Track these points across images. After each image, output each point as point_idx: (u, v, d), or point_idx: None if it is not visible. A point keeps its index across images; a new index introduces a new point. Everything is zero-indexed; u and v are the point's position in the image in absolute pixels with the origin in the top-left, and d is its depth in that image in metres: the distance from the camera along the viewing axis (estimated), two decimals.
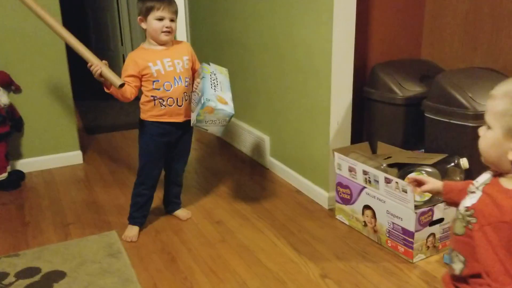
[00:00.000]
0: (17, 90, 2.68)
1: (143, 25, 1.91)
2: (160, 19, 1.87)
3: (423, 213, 1.79)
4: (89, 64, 1.82)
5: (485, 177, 1.01)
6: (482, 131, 0.95)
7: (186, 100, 1.96)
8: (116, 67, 6.07)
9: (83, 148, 3.05)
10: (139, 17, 1.91)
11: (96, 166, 2.84)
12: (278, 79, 2.56)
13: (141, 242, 2.00)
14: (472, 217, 0.94)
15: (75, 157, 2.90)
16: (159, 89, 1.90)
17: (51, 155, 2.83)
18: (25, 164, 2.75)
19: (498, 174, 0.97)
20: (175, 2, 1.92)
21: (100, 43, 5.82)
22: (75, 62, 2.63)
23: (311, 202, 2.34)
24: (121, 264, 1.83)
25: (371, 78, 2.34)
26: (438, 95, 2.00)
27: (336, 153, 2.10)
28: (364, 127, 2.43)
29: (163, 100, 1.92)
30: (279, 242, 1.99)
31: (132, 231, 2.03)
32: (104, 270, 1.79)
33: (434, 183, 1.14)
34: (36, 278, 1.75)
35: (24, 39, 2.63)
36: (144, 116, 1.97)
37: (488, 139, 0.93)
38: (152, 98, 1.92)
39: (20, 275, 1.77)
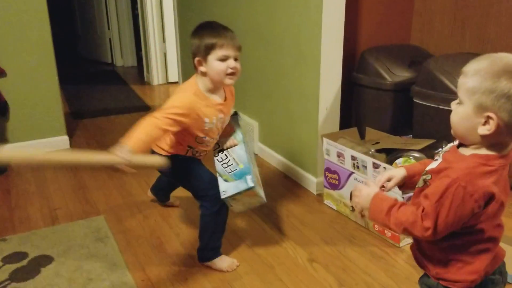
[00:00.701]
0: (2, 74, 2.62)
1: (202, 68, 1.57)
2: (224, 59, 1.56)
3: (410, 198, 1.80)
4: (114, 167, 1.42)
5: (448, 146, 1.05)
6: (453, 105, 0.97)
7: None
8: (101, 51, 5.98)
9: (70, 133, 3.01)
10: (196, 59, 1.57)
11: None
12: (267, 64, 2.54)
13: (128, 227, 1.99)
14: (427, 180, 1.00)
15: (61, 142, 2.87)
16: (201, 144, 1.67)
17: (37, 140, 2.80)
18: (11, 149, 2.71)
19: (460, 144, 1.01)
20: (237, 37, 1.61)
21: (86, 28, 5.72)
22: (61, 46, 2.58)
23: (300, 188, 2.35)
24: (108, 249, 1.82)
25: (360, 63, 2.33)
26: (426, 81, 2.01)
27: (324, 139, 2.10)
28: (353, 113, 2.43)
29: (198, 152, 1.71)
30: (267, 227, 2.00)
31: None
32: (92, 255, 1.78)
33: (398, 174, 1.11)
34: (24, 262, 1.74)
35: (9, 23, 2.58)
36: (168, 151, 1.67)
37: (459, 114, 0.96)
38: (188, 148, 1.68)
39: (7, 259, 1.76)
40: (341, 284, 1.63)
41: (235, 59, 1.58)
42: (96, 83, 4.61)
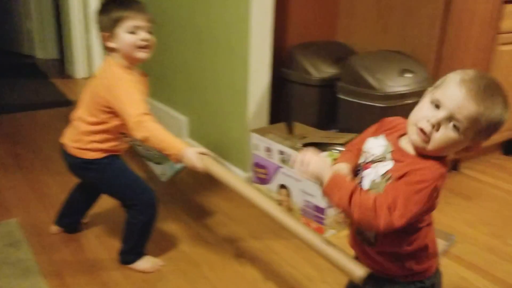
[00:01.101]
0: None
1: (111, 44, 1.48)
2: (134, 31, 1.47)
3: None
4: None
5: (380, 145, 1.05)
6: (447, 128, 0.94)
7: None
8: (19, 42, 5.56)
9: None
10: (104, 34, 1.48)
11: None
12: (196, 58, 2.48)
13: (44, 230, 1.85)
14: (389, 179, 1.00)
15: None
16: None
17: None
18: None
19: (396, 137, 1.05)
20: (146, 9, 1.52)
21: (1, 17, 5.30)
22: None
23: None
24: (21, 254, 1.69)
25: (288, 59, 2.35)
26: (349, 77, 2.06)
27: (253, 134, 2.09)
28: (282, 108, 2.44)
29: (126, 139, 1.62)
30: (193, 224, 1.95)
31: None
32: (2, 261, 1.64)
33: (344, 172, 1.07)
34: None
35: None
36: (93, 153, 1.56)
37: (451, 140, 0.95)
38: (119, 136, 1.58)
39: None
40: (267, 278, 1.62)
41: (147, 32, 1.50)
42: (14, 77, 4.29)
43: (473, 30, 2.15)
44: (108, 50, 1.52)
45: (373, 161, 1.05)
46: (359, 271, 1.13)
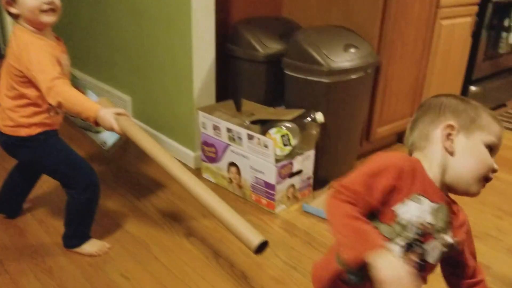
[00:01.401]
0: None
1: (13, 10, 1.40)
2: None
3: (283, 166, 1.86)
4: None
5: (431, 211, 0.90)
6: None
7: None
8: None
9: None
10: (3, 1, 1.40)
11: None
12: (135, 34, 2.39)
13: None
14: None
15: None
16: None
17: None
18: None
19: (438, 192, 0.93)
20: None
21: None
22: None
23: None
24: None
25: (233, 35, 2.31)
26: (295, 53, 2.06)
27: (200, 112, 2.06)
28: (229, 85, 2.42)
29: (55, 113, 1.53)
30: (141, 204, 1.91)
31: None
32: None
33: None
34: None
35: None
36: (27, 130, 1.48)
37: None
38: (48, 108, 1.48)
39: None
40: (218, 255, 1.62)
41: None
42: None
43: (415, 5, 2.21)
44: (13, 17, 1.43)
45: (437, 231, 0.91)
46: (256, 239, 1.17)
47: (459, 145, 0.91)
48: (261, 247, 1.21)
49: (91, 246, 1.59)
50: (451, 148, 0.91)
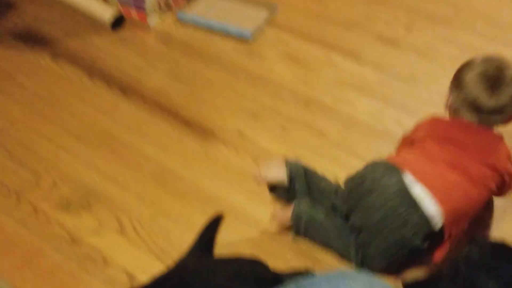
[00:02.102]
0: None
1: None
2: None
3: None
4: None
5: None
6: None
7: None
8: None
9: None
10: None
11: None
12: None
13: None
14: None
15: None
16: None
17: None
18: None
19: None
20: None
21: None
22: None
23: None
24: None
25: None
26: None
27: None
28: None
29: None
30: None
31: None
32: None
33: None
34: None
35: None
36: None
37: None
38: None
39: None
40: (91, 75, 1.52)
41: None
42: None
43: None
44: None
45: None
46: (107, 13, 1.11)
47: None
48: (118, 22, 1.15)
49: None
50: None
